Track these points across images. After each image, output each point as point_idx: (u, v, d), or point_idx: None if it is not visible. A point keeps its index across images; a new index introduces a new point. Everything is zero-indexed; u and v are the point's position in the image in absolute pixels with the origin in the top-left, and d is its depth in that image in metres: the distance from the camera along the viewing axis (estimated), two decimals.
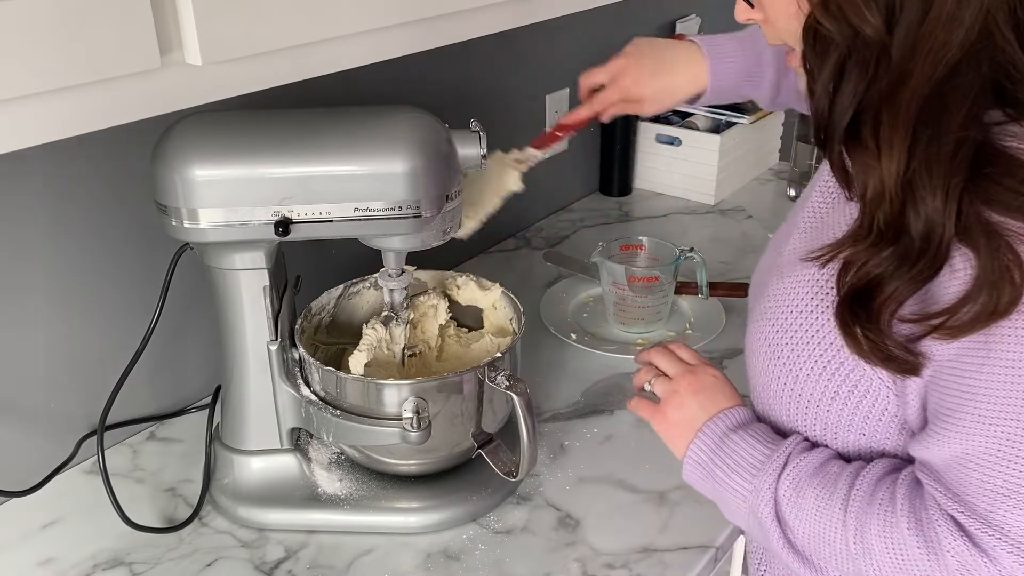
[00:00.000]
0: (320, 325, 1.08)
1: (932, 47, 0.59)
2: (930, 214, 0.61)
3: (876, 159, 0.63)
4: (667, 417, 0.84)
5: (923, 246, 0.62)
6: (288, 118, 0.87)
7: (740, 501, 0.76)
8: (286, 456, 1.01)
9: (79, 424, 1.08)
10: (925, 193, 0.61)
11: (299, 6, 0.74)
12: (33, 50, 0.60)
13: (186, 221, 0.84)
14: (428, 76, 1.34)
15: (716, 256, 1.55)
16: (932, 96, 0.60)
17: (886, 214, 0.64)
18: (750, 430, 0.78)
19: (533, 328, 1.29)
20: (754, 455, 0.76)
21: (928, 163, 0.61)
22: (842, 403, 0.73)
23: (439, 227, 0.90)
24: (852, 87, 0.63)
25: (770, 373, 0.77)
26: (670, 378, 0.86)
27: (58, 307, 1.02)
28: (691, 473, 0.81)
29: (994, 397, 0.62)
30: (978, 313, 0.60)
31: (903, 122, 0.61)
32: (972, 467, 0.65)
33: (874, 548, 0.69)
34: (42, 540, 0.98)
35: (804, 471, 0.73)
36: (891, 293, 0.64)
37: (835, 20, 0.62)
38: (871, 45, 0.61)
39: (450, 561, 0.95)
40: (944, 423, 0.66)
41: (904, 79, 0.60)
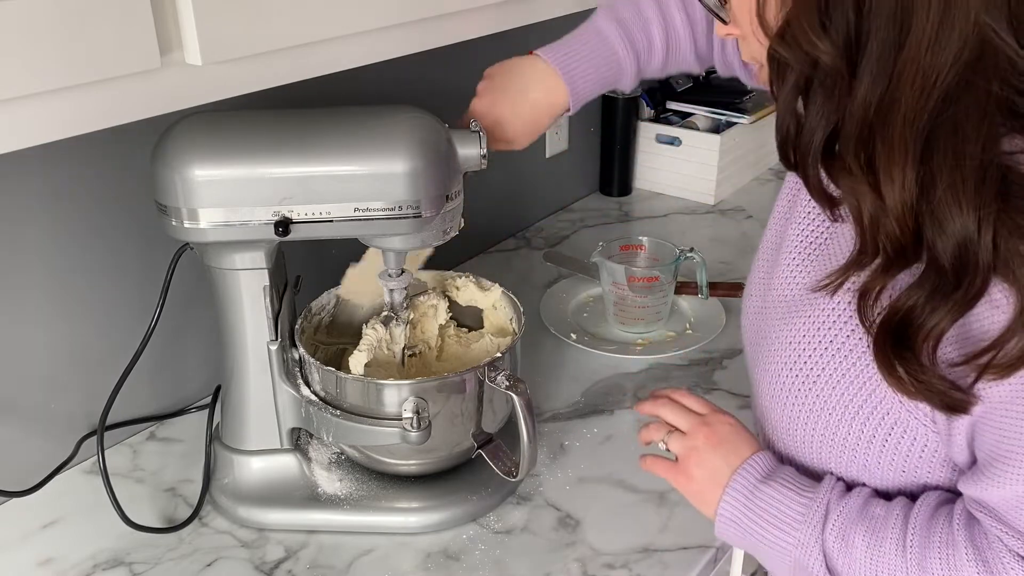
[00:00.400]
0: (320, 325, 1.08)
1: (918, 72, 0.57)
2: (961, 241, 0.59)
3: (868, 184, 0.61)
4: (691, 476, 0.80)
5: (957, 274, 0.60)
6: (288, 118, 0.87)
7: (784, 555, 0.74)
8: (286, 456, 1.01)
9: (79, 424, 1.08)
10: (953, 218, 0.59)
11: (299, 6, 0.74)
12: (33, 50, 0.60)
13: (186, 221, 0.84)
14: (428, 76, 1.34)
15: (716, 256, 1.55)
16: (941, 120, 0.58)
17: (893, 239, 0.62)
18: (779, 479, 0.76)
19: (533, 328, 1.29)
20: (792, 507, 0.73)
21: (954, 189, 0.59)
22: (880, 444, 0.71)
23: (439, 227, 0.90)
24: (818, 108, 0.62)
25: (796, 420, 0.75)
26: (684, 432, 0.82)
27: (58, 307, 1.02)
28: (725, 530, 0.78)
29: None
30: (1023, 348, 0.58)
31: (901, 149, 0.59)
32: None
33: None
34: (42, 540, 0.98)
35: (848, 518, 0.71)
36: (931, 327, 0.61)
37: (789, 48, 0.61)
38: (831, 72, 0.60)
39: (450, 561, 0.95)
40: (1003, 465, 0.64)
41: (893, 105, 0.59)
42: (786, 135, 0.66)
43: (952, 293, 0.60)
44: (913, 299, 0.62)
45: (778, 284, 0.79)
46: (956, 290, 0.60)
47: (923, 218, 0.60)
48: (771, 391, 0.78)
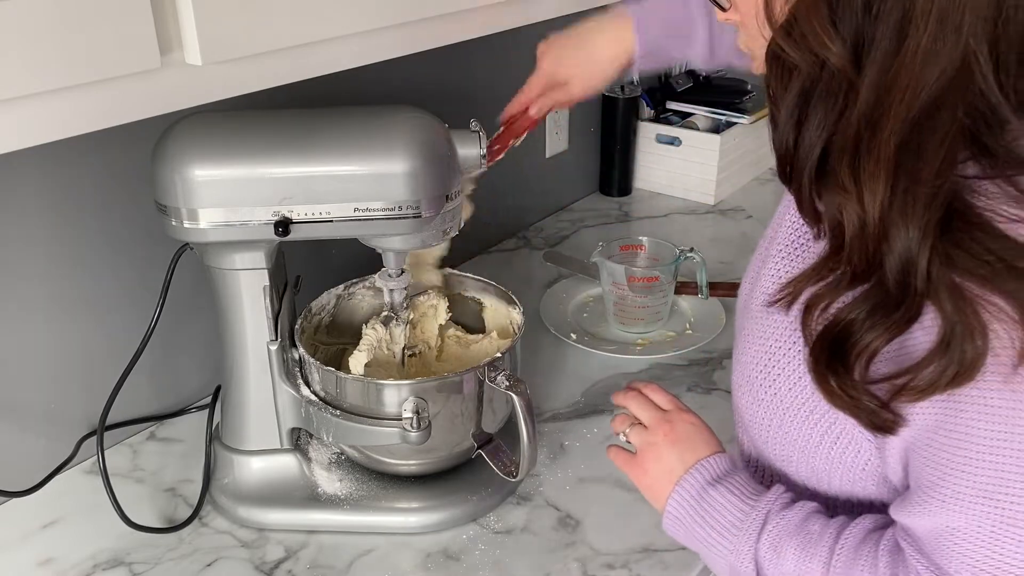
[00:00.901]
0: (320, 325, 1.08)
1: (908, 83, 0.55)
2: (904, 263, 0.59)
3: (855, 198, 0.59)
4: (646, 470, 0.81)
5: (900, 294, 0.60)
6: (288, 118, 0.87)
7: (720, 559, 0.75)
8: (286, 456, 1.01)
9: (79, 424, 1.08)
10: (899, 240, 0.58)
11: (299, 6, 0.74)
12: (33, 50, 0.60)
13: (186, 221, 0.84)
14: (428, 76, 1.34)
15: (716, 256, 1.55)
16: (910, 135, 0.57)
17: (863, 254, 0.61)
18: (729, 483, 0.76)
19: (533, 328, 1.29)
20: (734, 512, 0.74)
21: (904, 210, 0.58)
22: (827, 450, 0.71)
23: (439, 227, 0.90)
24: (819, 120, 0.60)
25: (758, 415, 0.76)
26: (646, 427, 0.83)
27: (58, 307, 1.02)
28: (671, 527, 0.79)
29: (970, 476, 0.60)
30: (941, 372, 0.58)
31: (884, 160, 0.57)
32: (952, 540, 0.63)
33: None
34: (42, 540, 0.98)
35: (784, 530, 0.71)
36: (866, 343, 0.61)
37: (797, 47, 0.58)
38: (837, 76, 0.58)
39: (450, 561, 0.95)
40: (926, 495, 0.64)
41: (884, 115, 0.57)
42: (783, 148, 0.64)
43: (892, 313, 0.60)
44: (854, 313, 0.62)
45: (764, 282, 0.79)
46: (896, 310, 0.60)
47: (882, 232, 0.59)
48: (741, 386, 0.78)
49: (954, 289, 0.57)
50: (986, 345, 0.57)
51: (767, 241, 0.83)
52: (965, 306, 0.57)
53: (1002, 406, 0.58)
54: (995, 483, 0.59)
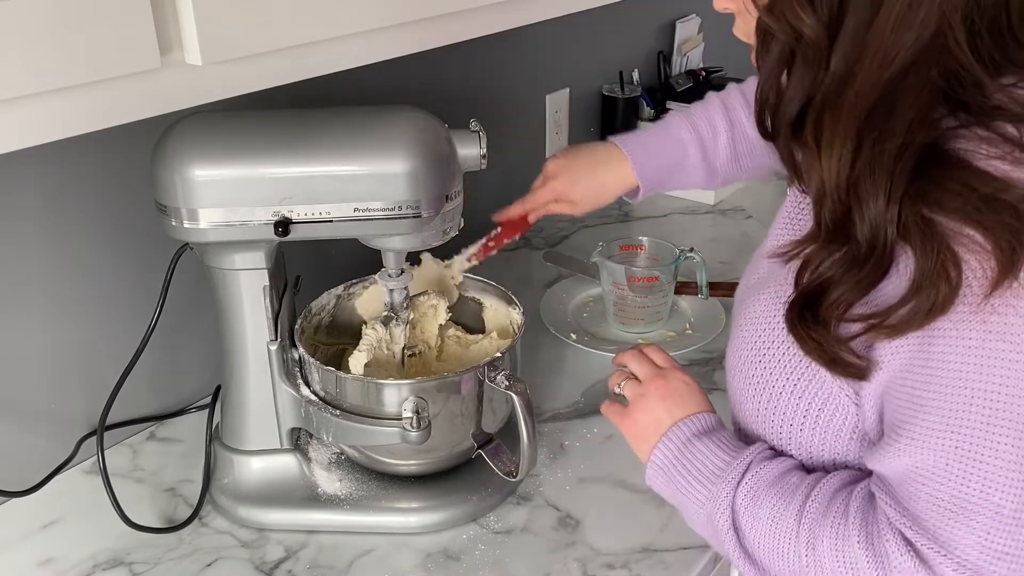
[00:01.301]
0: (320, 325, 1.08)
1: (879, 49, 0.59)
2: (873, 217, 0.61)
3: (817, 158, 0.63)
4: (635, 421, 0.82)
5: (868, 250, 0.62)
6: (288, 118, 0.87)
7: (698, 508, 0.76)
8: (286, 456, 1.01)
9: (79, 424, 1.08)
10: (868, 196, 0.61)
11: (299, 6, 0.74)
12: (33, 50, 0.60)
13: (186, 221, 0.84)
14: (428, 76, 1.34)
15: (716, 256, 1.54)
16: (880, 99, 0.60)
17: (832, 213, 0.64)
18: (714, 437, 0.78)
19: (533, 328, 1.29)
20: (715, 462, 0.75)
21: (872, 166, 0.61)
22: (813, 420, 0.72)
23: (439, 227, 0.90)
24: (797, 83, 0.64)
25: (745, 391, 0.77)
26: (640, 381, 0.85)
27: (58, 307, 1.02)
28: (653, 477, 0.80)
29: (940, 410, 0.61)
30: (916, 310, 0.60)
31: (845, 124, 0.61)
32: (921, 481, 0.64)
33: (824, 561, 0.68)
34: (42, 540, 0.98)
35: (763, 481, 0.73)
36: (837, 297, 0.64)
37: (776, 19, 0.63)
38: (813, 45, 0.61)
39: (450, 561, 0.95)
40: (896, 436, 0.65)
41: (849, 80, 0.60)
42: (764, 104, 0.67)
43: (862, 267, 0.63)
44: (832, 271, 0.65)
45: (770, 242, 0.80)
46: (866, 265, 0.63)
47: (851, 194, 0.62)
48: (734, 367, 0.79)
49: (927, 226, 0.60)
50: (959, 278, 0.58)
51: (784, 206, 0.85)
52: (938, 241, 0.59)
53: (972, 337, 0.59)
54: (963, 415, 0.60)
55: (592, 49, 1.73)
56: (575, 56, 1.69)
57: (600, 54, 1.76)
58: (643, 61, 1.88)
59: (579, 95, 1.74)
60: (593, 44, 1.72)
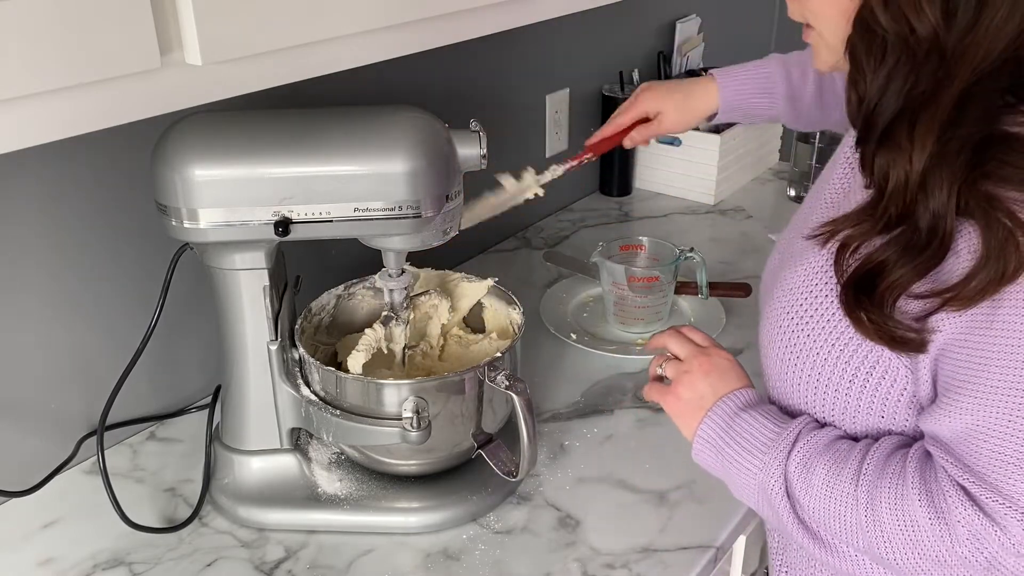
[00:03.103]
0: (320, 325, 1.08)
1: (977, 53, 0.62)
2: (937, 207, 0.64)
3: (907, 155, 0.65)
4: (679, 397, 0.84)
5: (929, 236, 0.65)
6: (288, 118, 0.87)
7: (750, 479, 0.77)
8: (286, 456, 1.01)
9: (79, 424, 1.08)
10: (935, 187, 0.64)
11: (299, 6, 0.74)
12: (33, 50, 0.60)
13: (186, 221, 0.84)
14: (428, 76, 1.34)
15: (716, 256, 1.55)
16: (963, 98, 0.63)
17: (899, 204, 0.66)
18: (760, 409, 0.80)
19: (533, 328, 1.29)
20: (765, 433, 0.77)
21: (940, 160, 0.64)
22: (860, 386, 0.74)
23: (439, 227, 0.90)
24: (899, 85, 0.65)
25: (788, 362, 0.78)
26: (682, 361, 0.87)
27: (58, 307, 1.02)
28: (701, 451, 0.81)
29: (1003, 367, 0.64)
30: (987, 283, 0.62)
31: (938, 122, 0.63)
32: (983, 438, 0.66)
33: (885, 521, 0.70)
34: (42, 540, 0.98)
35: (814, 448, 0.74)
36: (896, 280, 0.66)
37: (892, 18, 0.64)
38: (922, 44, 0.63)
39: (450, 561, 0.95)
40: (956, 395, 0.67)
41: (949, 81, 0.63)
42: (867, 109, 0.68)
43: (921, 253, 0.66)
44: (887, 254, 0.67)
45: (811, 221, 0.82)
46: (926, 250, 0.65)
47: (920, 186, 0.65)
48: (769, 335, 0.81)
49: (991, 202, 0.63)
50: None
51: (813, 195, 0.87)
52: (1003, 213, 0.62)
53: None
54: (1021, 371, 0.63)
55: (592, 49, 1.73)
56: (575, 56, 1.69)
57: (600, 54, 1.76)
58: (643, 61, 1.88)
59: (579, 95, 1.74)
60: (593, 44, 1.72)
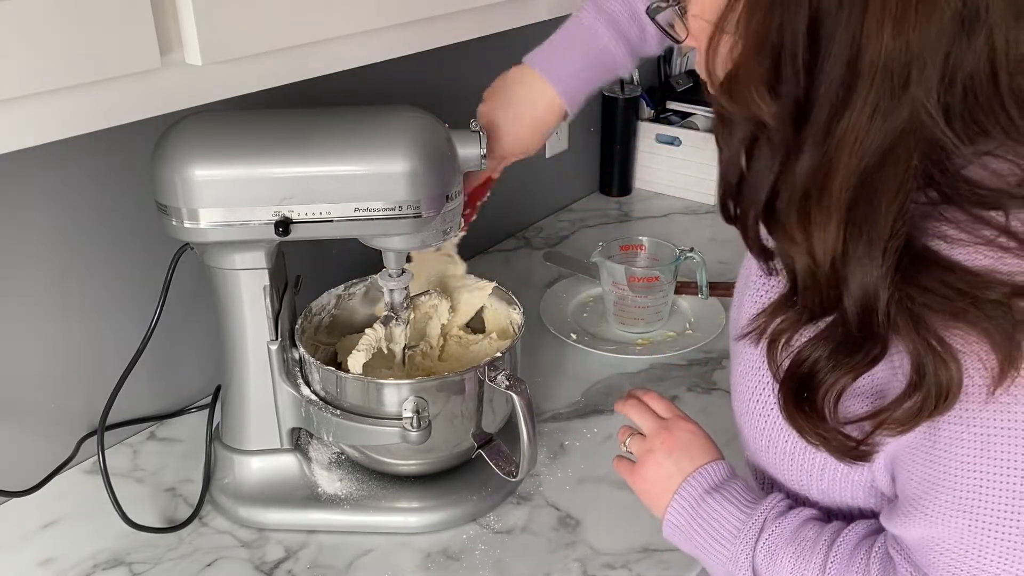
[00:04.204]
0: (320, 325, 1.08)
1: (858, 137, 0.56)
2: (863, 303, 0.60)
3: (803, 249, 0.60)
4: (644, 478, 0.82)
5: (861, 333, 0.61)
6: (288, 118, 0.87)
7: (718, 566, 0.76)
8: (286, 456, 1.01)
9: (79, 424, 1.08)
10: (858, 280, 0.59)
11: (299, 6, 0.74)
12: (33, 50, 0.60)
13: (186, 221, 0.84)
14: (428, 76, 1.34)
15: (716, 256, 1.54)
16: (861, 186, 0.57)
17: (816, 297, 0.62)
18: (726, 491, 0.77)
19: (533, 328, 1.29)
20: (731, 520, 0.75)
21: (863, 252, 0.59)
22: (831, 473, 0.72)
23: (439, 227, 0.90)
24: (764, 169, 0.61)
25: (758, 443, 0.76)
26: (645, 435, 0.84)
27: (58, 307, 1.02)
28: (671, 534, 0.79)
29: (951, 491, 0.61)
30: (921, 405, 0.59)
31: (836, 208, 0.58)
32: (939, 551, 0.64)
33: None
34: (42, 540, 0.98)
35: (780, 537, 0.72)
36: (831, 383, 0.63)
37: (735, 105, 0.60)
38: (776, 133, 0.59)
39: (450, 561, 0.95)
40: (911, 507, 0.65)
41: (832, 170, 0.57)
42: (726, 189, 0.66)
43: (855, 353, 0.61)
44: (817, 352, 0.63)
45: (747, 306, 0.78)
46: (858, 351, 0.61)
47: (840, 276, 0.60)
48: (742, 414, 0.79)
49: (918, 324, 0.58)
50: (960, 371, 0.57)
51: (745, 271, 0.83)
52: (932, 338, 0.58)
53: (977, 424, 0.59)
54: (974, 497, 0.60)
55: None
56: None
57: None
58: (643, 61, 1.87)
59: None
60: None
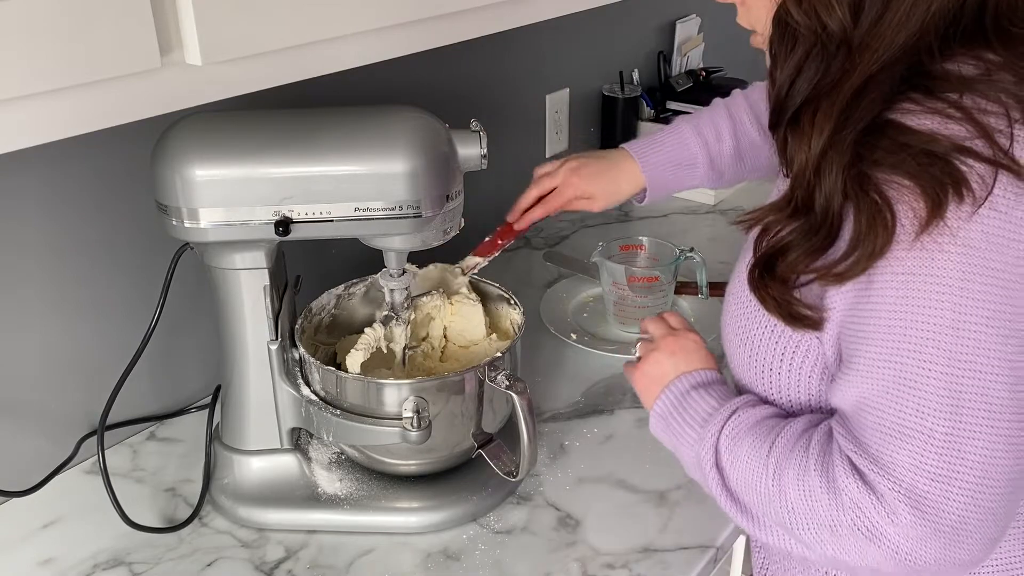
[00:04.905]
0: (320, 325, 1.08)
1: (880, 45, 0.66)
2: (828, 191, 0.68)
3: (807, 139, 0.68)
4: (644, 373, 0.88)
5: (822, 219, 0.69)
6: (288, 118, 0.87)
7: (689, 450, 0.81)
8: (286, 456, 1.01)
9: (79, 424, 1.08)
10: (826, 171, 0.67)
11: (299, 6, 0.74)
12: (33, 50, 0.60)
13: (186, 221, 0.84)
14: (428, 76, 1.34)
15: (716, 256, 1.54)
16: (862, 86, 0.67)
17: (804, 191, 0.70)
18: (711, 389, 0.83)
19: (533, 328, 1.29)
20: (706, 408, 0.81)
21: (832, 145, 0.67)
22: (788, 364, 0.78)
23: (439, 227, 0.90)
24: (810, 76, 0.69)
25: (734, 344, 0.83)
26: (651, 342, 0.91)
27: (58, 307, 1.02)
28: (654, 424, 0.85)
29: (879, 342, 0.67)
30: (859, 257, 0.66)
31: (836, 110, 0.67)
32: (868, 410, 0.69)
33: (788, 490, 0.73)
34: (42, 540, 0.98)
35: (745, 423, 0.78)
36: (792, 260, 0.71)
37: (804, 14, 0.68)
38: (832, 38, 0.67)
39: (450, 561, 0.95)
40: (847, 369, 0.71)
41: (850, 72, 0.67)
42: (778, 100, 0.72)
43: (816, 233, 0.69)
44: (791, 237, 0.72)
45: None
46: (818, 233, 0.69)
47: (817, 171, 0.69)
48: (724, 320, 0.86)
49: (864, 181, 0.66)
50: (894, 222, 0.64)
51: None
52: (874, 191, 0.65)
53: (903, 273, 0.65)
54: (898, 346, 0.66)
55: (592, 49, 1.73)
56: (575, 56, 1.69)
57: (600, 54, 1.76)
58: (643, 61, 1.88)
59: (579, 95, 1.74)
60: (593, 44, 1.72)
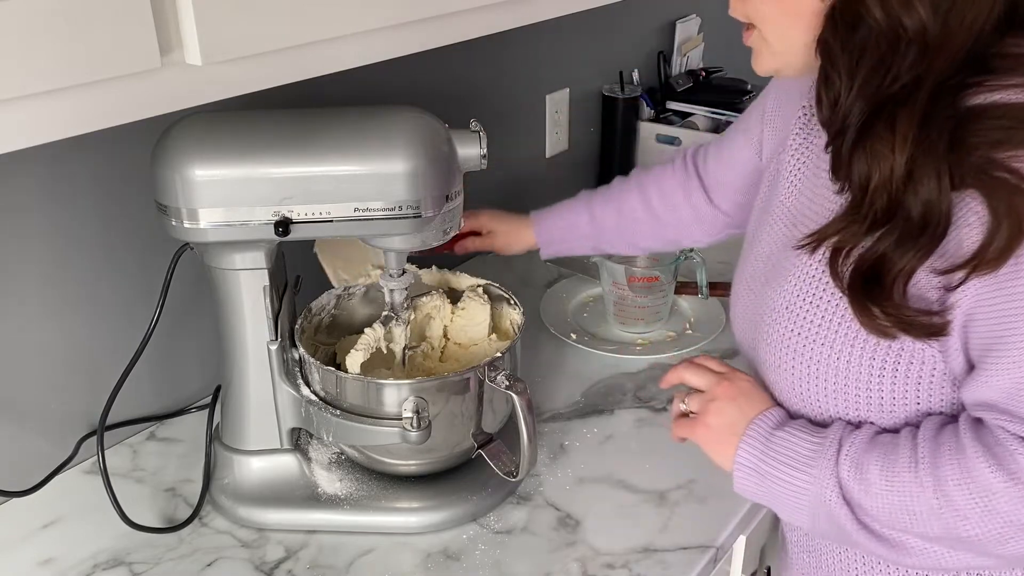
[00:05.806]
0: (320, 325, 1.08)
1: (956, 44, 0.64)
2: (929, 196, 0.65)
3: (891, 150, 0.65)
4: (708, 426, 0.82)
5: (922, 223, 0.66)
6: (288, 118, 0.87)
7: (801, 496, 0.76)
8: (286, 456, 1.01)
9: (79, 424, 1.08)
10: (923, 177, 0.65)
11: (299, 6, 0.74)
12: (33, 50, 0.60)
13: (186, 221, 0.84)
14: (428, 76, 1.34)
15: (716, 256, 1.54)
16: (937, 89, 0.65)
17: (885, 202, 0.67)
18: (794, 425, 0.79)
19: (533, 328, 1.29)
20: (806, 446, 0.76)
21: (923, 150, 0.64)
22: (891, 379, 0.73)
23: (440, 227, 0.90)
24: (877, 82, 0.66)
25: (804, 378, 0.78)
26: (704, 391, 0.85)
27: (58, 307, 1.02)
28: (742, 479, 0.79)
29: None
30: (1007, 240, 0.63)
31: (918, 115, 0.65)
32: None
33: (956, 498, 0.69)
34: (42, 540, 0.98)
35: (860, 448, 0.74)
36: (903, 267, 0.67)
37: (883, 10, 0.65)
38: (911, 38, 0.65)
39: (450, 561, 0.95)
40: (995, 355, 0.67)
41: (928, 74, 0.65)
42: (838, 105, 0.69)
43: (919, 237, 0.66)
44: (883, 247, 0.68)
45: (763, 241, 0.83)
46: (922, 235, 0.66)
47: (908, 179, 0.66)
48: (776, 360, 0.80)
49: (987, 166, 0.64)
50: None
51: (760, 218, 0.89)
52: (1003, 171, 0.63)
53: None
54: None
55: (592, 49, 1.73)
56: (575, 56, 1.69)
57: (600, 54, 1.76)
58: (643, 61, 1.88)
59: (579, 95, 1.74)
60: (593, 44, 1.72)
